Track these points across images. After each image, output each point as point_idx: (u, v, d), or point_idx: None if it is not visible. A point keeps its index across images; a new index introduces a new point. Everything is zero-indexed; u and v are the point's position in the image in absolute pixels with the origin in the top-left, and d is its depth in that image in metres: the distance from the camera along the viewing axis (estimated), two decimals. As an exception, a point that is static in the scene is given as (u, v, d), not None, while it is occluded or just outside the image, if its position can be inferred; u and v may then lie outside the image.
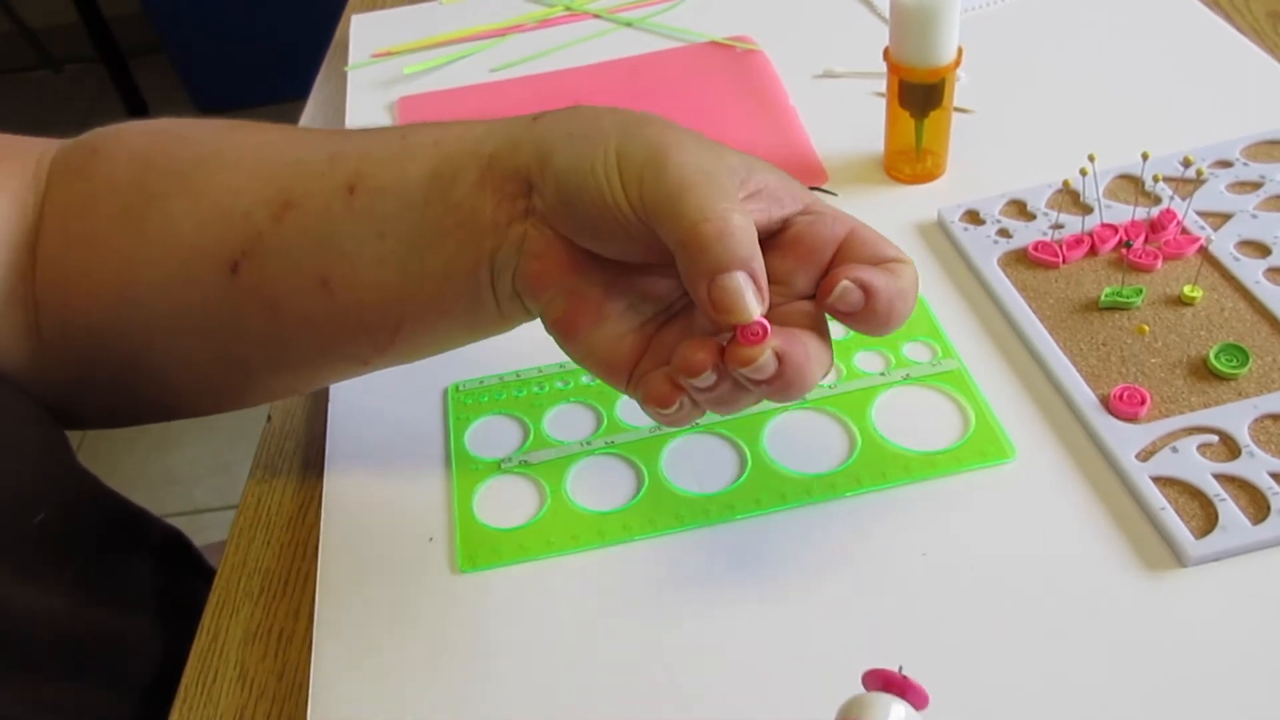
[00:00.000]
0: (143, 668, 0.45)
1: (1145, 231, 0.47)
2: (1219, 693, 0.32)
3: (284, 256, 0.37)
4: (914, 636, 0.35)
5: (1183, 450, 0.38)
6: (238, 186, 0.38)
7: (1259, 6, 0.63)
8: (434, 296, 0.37)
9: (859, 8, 0.69)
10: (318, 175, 0.37)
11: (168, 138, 0.41)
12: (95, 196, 0.40)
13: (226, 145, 0.39)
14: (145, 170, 0.40)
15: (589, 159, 0.32)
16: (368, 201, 0.36)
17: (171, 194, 0.38)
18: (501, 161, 0.35)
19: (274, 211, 0.37)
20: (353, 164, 0.37)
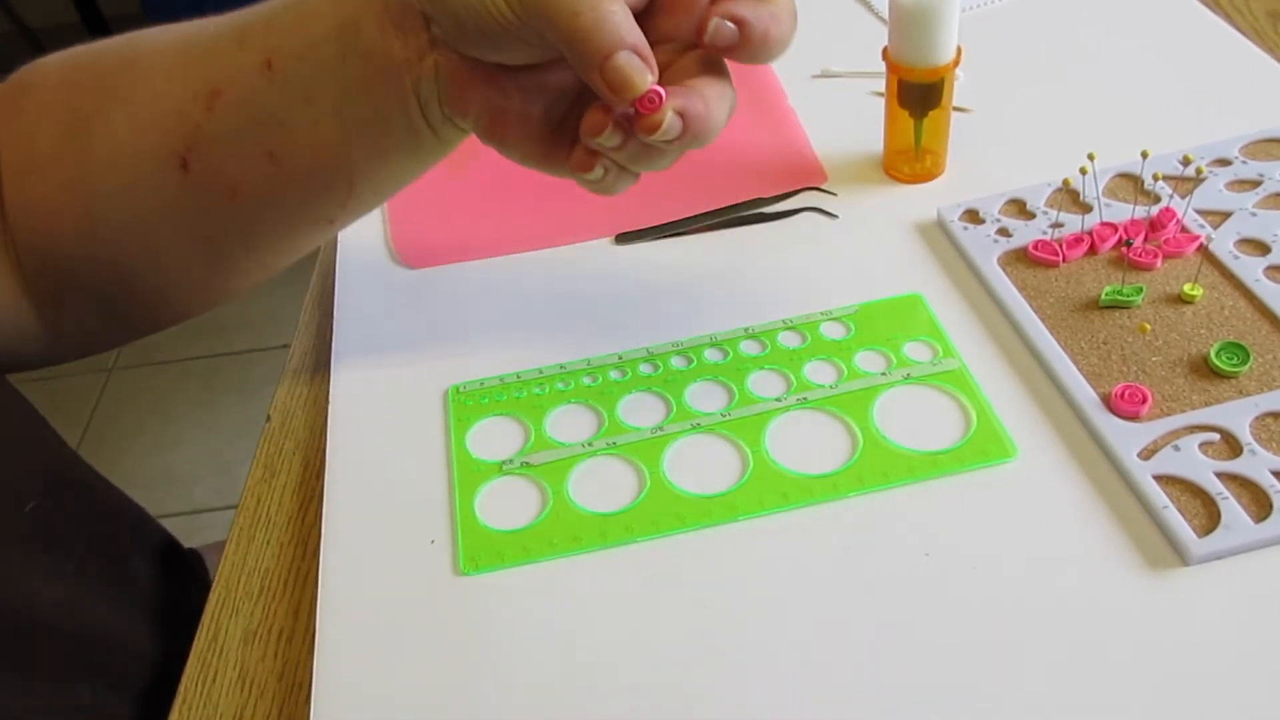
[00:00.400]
0: (142, 668, 0.45)
1: (1145, 230, 0.47)
2: (1222, 691, 0.32)
3: (226, 142, 0.39)
4: (917, 636, 0.35)
5: (1184, 449, 0.38)
6: (163, 88, 0.39)
7: (1259, 6, 0.63)
8: (375, 141, 0.39)
9: (857, 7, 0.69)
10: (233, 58, 0.39)
11: (86, 57, 0.42)
12: (35, 126, 0.41)
13: (142, 52, 0.41)
14: (73, 92, 0.41)
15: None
16: (286, 72, 0.38)
17: (104, 108, 0.40)
18: (393, 2, 0.36)
19: (204, 103, 0.39)
20: (260, 39, 0.38)
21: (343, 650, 0.37)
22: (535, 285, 0.51)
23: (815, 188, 0.54)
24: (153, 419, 1.60)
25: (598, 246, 0.52)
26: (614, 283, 0.50)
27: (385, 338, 0.50)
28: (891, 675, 0.34)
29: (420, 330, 0.50)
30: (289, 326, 1.70)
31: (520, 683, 0.36)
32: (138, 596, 0.47)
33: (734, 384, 0.44)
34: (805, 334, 0.46)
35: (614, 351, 0.46)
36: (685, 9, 0.36)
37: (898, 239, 0.51)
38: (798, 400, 0.43)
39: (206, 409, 1.61)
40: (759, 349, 0.46)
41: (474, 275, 0.52)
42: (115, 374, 1.70)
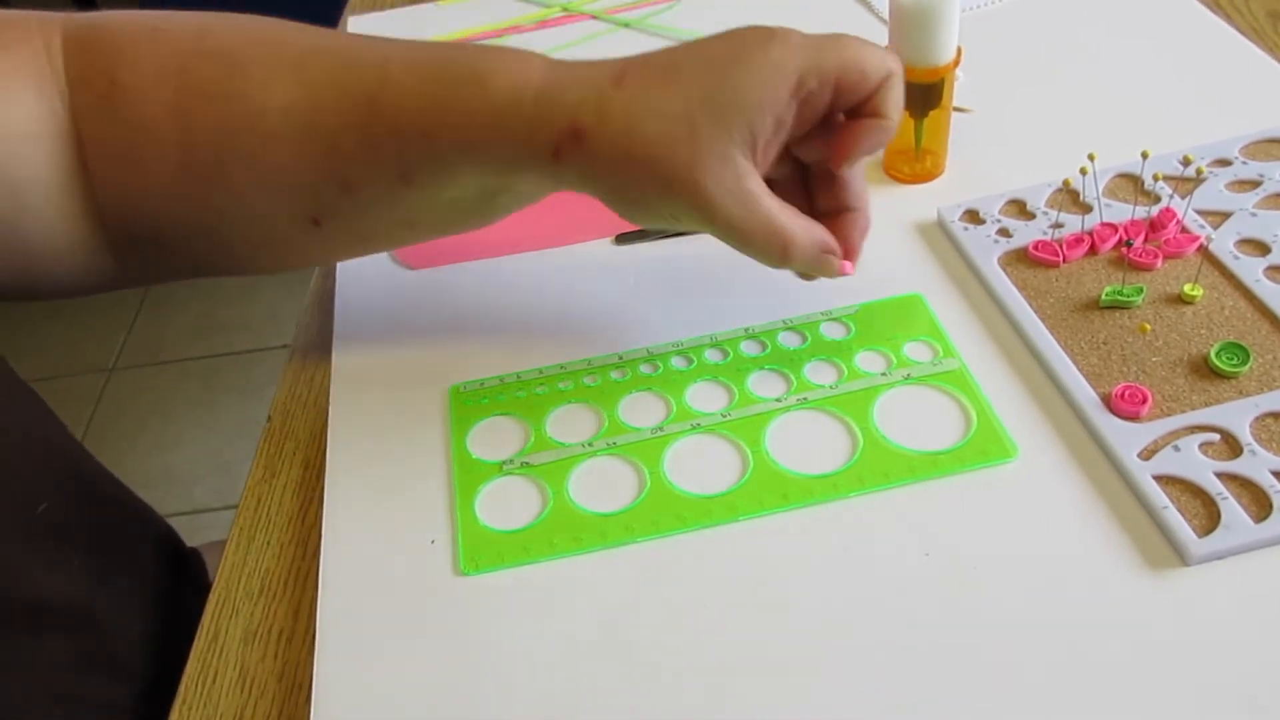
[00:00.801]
0: (145, 663, 0.45)
1: (1145, 230, 0.47)
2: (1222, 691, 0.32)
3: (361, 217, 0.41)
4: (917, 636, 0.35)
5: (1184, 449, 0.38)
6: (292, 165, 0.39)
7: (1259, 6, 0.63)
8: (517, 209, 0.42)
9: (856, 8, 0.69)
10: (366, 164, 0.39)
11: (191, 83, 0.40)
12: (142, 148, 0.40)
13: (255, 106, 0.39)
14: (184, 130, 0.40)
15: (644, 220, 0.40)
16: (425, 186, 0.39)
17: (224, 159, 0.40)
18: (547, 187, 0.39)
19: (338, 190, 0.40)
20: (394, 158, 0.39)
21: (343, 650, 0.37)
22: (535, 285, 0.51)
23: (815, 188, 0.54)
24: (153, 419, 1.60)
25: (598, 246, 0.52)
26: (614, 283, 0.50)
27: (385, 338, 0.50)
28: (892, 675, 0.34)
29: (420, 330, 0.50)
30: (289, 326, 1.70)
31: (520, 683, 0.36)
32: (142, 591, 0.47)
33: (734, 384, 0.44)
34: (805, 334, 0.46)
35: (614, 351, 0.46)
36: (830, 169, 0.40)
37: (898, 239, 0.50)
38: (798, 400, 0.43)
39: (207, 409, 1.61)
40: (759, 349, 0.46)
41: (474, 275, 0.52)
42: (115, 374, 1.70)
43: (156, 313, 1.81)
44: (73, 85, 0.40)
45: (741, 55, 0.37)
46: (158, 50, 0.40)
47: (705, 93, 0.36)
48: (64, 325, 1.79)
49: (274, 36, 0.40)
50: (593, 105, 0.36)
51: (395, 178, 0.39)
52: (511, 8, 0.75)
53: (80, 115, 0.40)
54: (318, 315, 0.53)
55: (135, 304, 1.84)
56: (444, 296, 0.51)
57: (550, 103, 0.37)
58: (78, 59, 0.40)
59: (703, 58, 0.37)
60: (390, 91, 0.38)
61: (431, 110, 0.37)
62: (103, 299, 1.83)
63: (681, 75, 0.37)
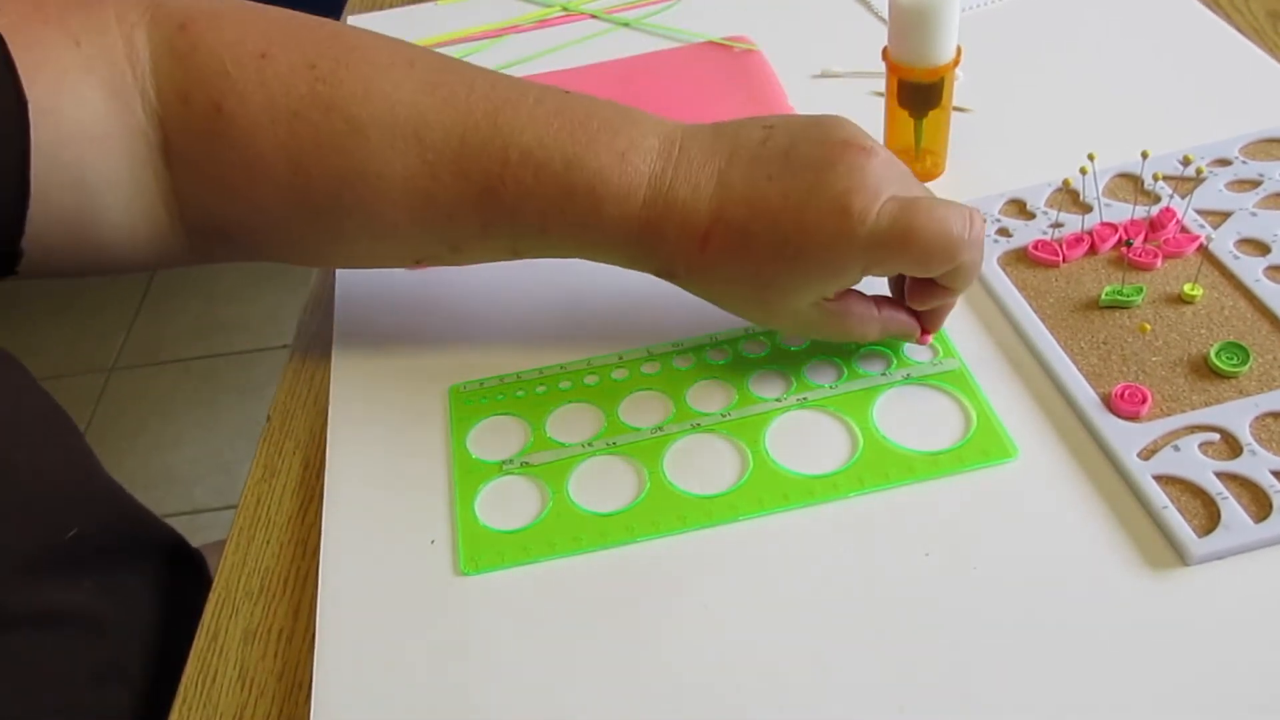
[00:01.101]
0: (152, 671, 0.45)
1: (1145, 230, 0.47)
2: (1222, 691, 0.32)
3: (460, 263, 0.45)
4: (918, 636, 0.35)
5: (1184, 449, 0.38)
6: (402, 223, 0.41)
7: (1259, 6, 0.63)
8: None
9: (856, 7, 0.69)
10: (479, 238, 0.42)
11: (306, 132, 0.40)
12: (252, 179, 0.40)
13: (374, 170, 0.40)
14: (299, 173, 0.40)
15: (744, 319, 0.43)
16: (530, 255, 0.43)
17: (334, 209, 0.41)
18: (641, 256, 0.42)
19: (448, 248, 0.43)
20: (508, 239, 0.42)
21: (343, 650, 0.37)
22: (536, 285, 0.51)
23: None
24: (153, 419, 1.60)
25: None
26: (615, 283, 0.50)
27: (385, 337, 0.50)
28: (892, 675, 0.34)
29: (420, 330, 0.50)
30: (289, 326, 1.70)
31: (520, 683, 0.36)
32: (151, 600, 0.47)
33: (735, 384, 0.44)
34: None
35: (615, 351, 0.46)
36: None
37: (898, 239, 0.50)
38: (798, 400, 0.43)
39: (207, 409, 1.61)
40: (760, 349, 0.46)
41: (474, 275, 0.51)
42: (115, 374, 1.70)
43: (156, 313, 1.81)
44: (165, 95, 0.39)
45: (816, 234, 0.38)
46: (266, 84, 0.39)
47: (774, 273, 0.39)
48: (64, 325, 1.79)
49: (388, 94, 0.40)
50: (684, 264, 0.40)
51: (506, 251, 0.42)
52: (511, 8, 0.75)
53: (175, 128, 0.40)
54: (318, 315, 0.53)
55: (135, 304, 1.84)
56: (444, 296, 0.51)
57: (650, 246, 0.40)
58: (172, 67, 0.39)
59: (778, 229, 0.38)
60: (510, 185, 0.40)
61: (549, 212, 0.40)
62: (103, 299, 1.83)
63: (755, 247, 0.39)
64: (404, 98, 0.40)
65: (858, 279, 0.39)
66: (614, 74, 0.67)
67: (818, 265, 0.38)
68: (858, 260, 0.38)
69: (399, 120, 0.40)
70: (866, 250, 0.37)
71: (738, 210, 0.39)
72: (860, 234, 0.37)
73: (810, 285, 0.39)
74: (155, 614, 0.47)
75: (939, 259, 0.37)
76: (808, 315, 0.41)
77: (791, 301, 0.40)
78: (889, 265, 0.38)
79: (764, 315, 0.41)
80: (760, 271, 0.39)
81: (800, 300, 0.40)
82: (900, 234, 0.37)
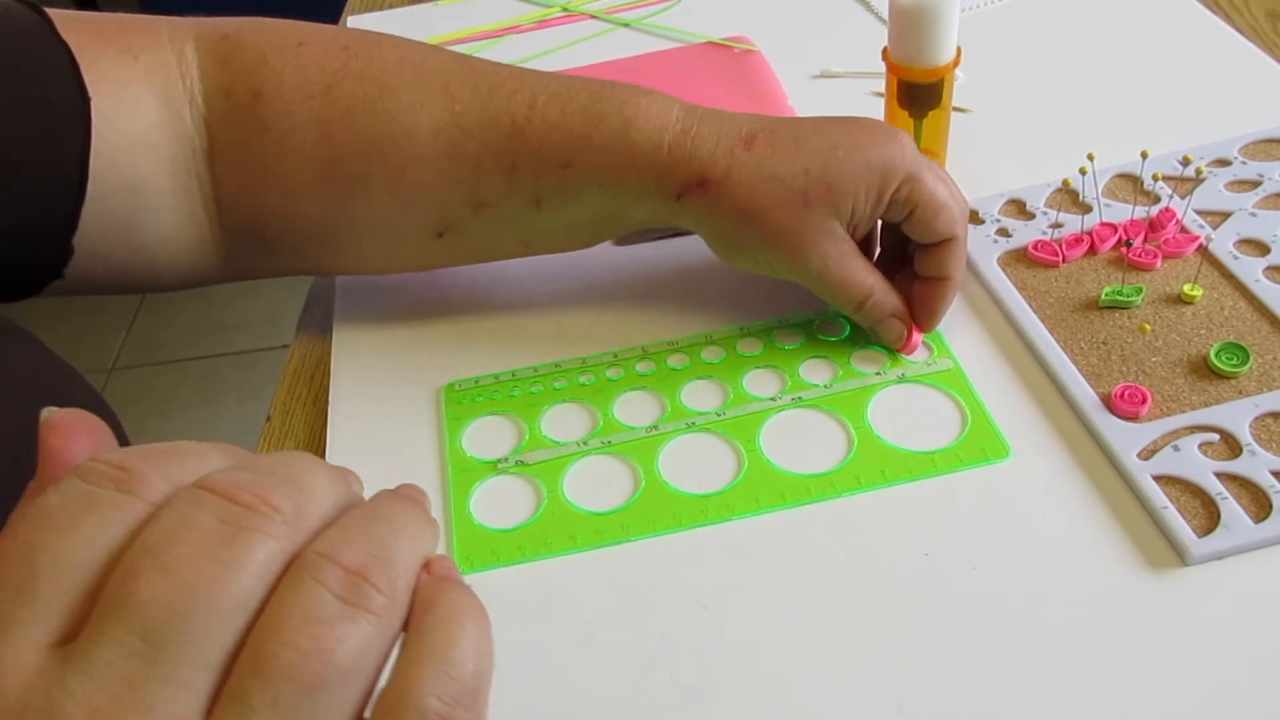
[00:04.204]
0: None
1: (1145, 230, 0.47)
2: (1222, 691, 0.32)
3: (484, 233, 0.44)
4: (917, 635, 0.35)
5: (1184, 449, 0.38)
6: (430, 181, 0.42)
7: (1258, 6, 0.63)
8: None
9: (856, 7, 0.69)
10: (505, 186, 0.42)
11: (339, 100, 0.42)
12: (283, 158, 0.42)
13: (403, 128, 0.42)
14: (328, 142, 0.42)
15: (745, 268, 0.44)
16: (553, 210, 0.43)
17: (364, 174, 0.42)
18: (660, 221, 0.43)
19: (471, 209, 0.43)
20: (531, 182, 0.42)
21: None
22: (530, 284, 0.51)
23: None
24: (153, 419, 1.60)
25: (596, 246, 0.52)
26: (611, 282, 0.50)
27: (384, 337, 0.50)
28: (891, 674, 0.34)
29: (417, 329, 0.50)
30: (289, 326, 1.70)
31: (516, 681, 0.35)
32: None
33: (730, 383, 0.44)
34: (801, 333, 0.46)
35: (609, 350, 0.46)
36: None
37: (896, 239, 0.50)
38: (793, 399, 0.43)
39: (206, 409, 1.61)
40: (755, 348, 0.45)
41: (470, 274, 0.51)
42: (115, 374, 1.70)
43: (156, 313, 1.81)
44: (210, 96, 0.42)
45: (863, 142, 0.41)
46: (303, 65, 0.42)
47: (823, 169, 0.40)
48: (64, 325, 1.79)
49: (418, 62, 0.43)
50: (724, 162, 0.41)
51: (527, 202, 0.42)
52: (511, 8, 0.75)
53: (217, 123, 0.42)
54: (317, 315, 0.53)
55: (135, 304, 1.84)
56: (440, 295, 0.51)
57: (685, 152, 0.41)
58: (217, 71, 0.42)
59: (827, 136, 0.41)
60: (536, 123, 0.41)
61: (575, 143, 0.41)
62: (103, 299, 1.83)
63: (805, 148, 0.41)
64: (435, 64, 0.43)
65: (894, 185, 0.40)
66: (614, 74, 0.67)
67: (868, 162, 0.40)
68: (902, 162, 0.40)
69: (429, 79, 0.42)
70: (911, 159, 0.40)
71: (784, 125, 0.42)
72: (908, 146, 0.41)
73: (856, 189, 0.40)
74: None
75: (949, 211, 0.41)
76: (826, 245, 0.41)
77: (828, 216, 0.41)
78: (919, 184, 0.40)
79: (780, 239, 0.41)
80: (809, 167, 0.40)
81: (839, 212, 0.41)
82: (936, 166, 0.42)
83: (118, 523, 0.19)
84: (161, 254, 0.43)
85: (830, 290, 0.42)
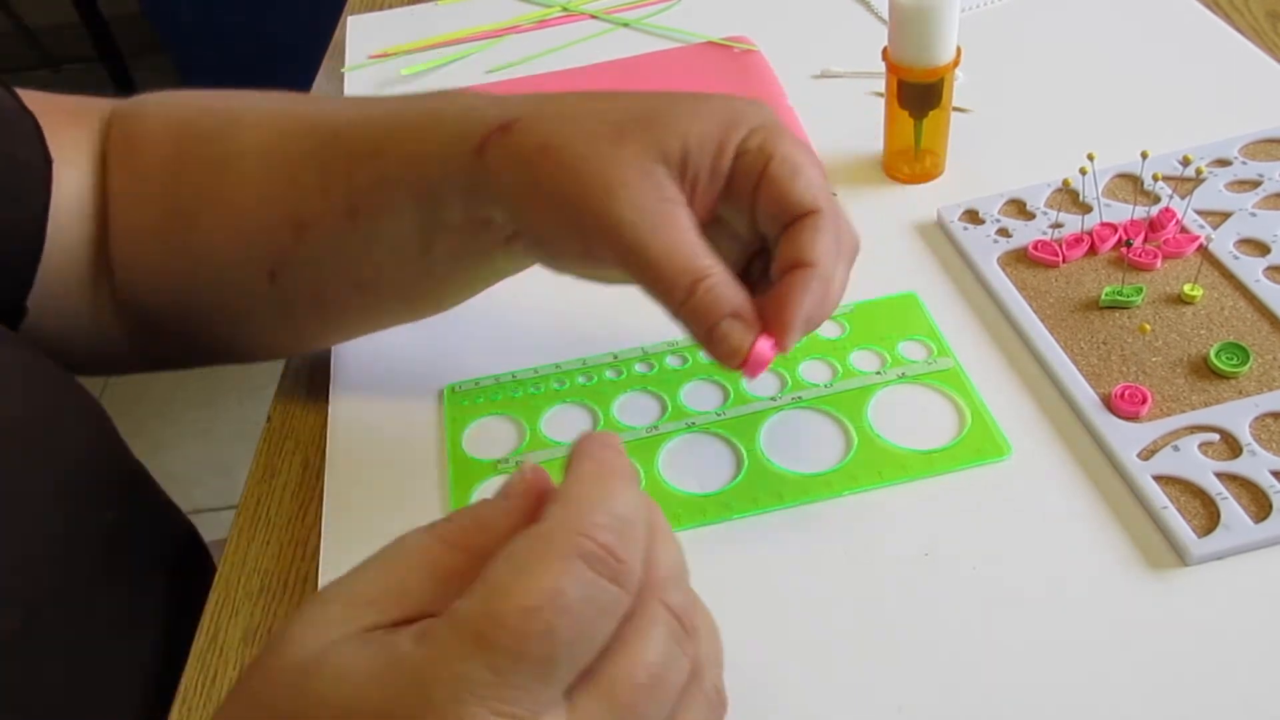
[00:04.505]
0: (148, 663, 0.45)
1: (1145, 230, 0.47)
2: (1221, 691, 0.32)
3: (312, 267, 0.41)
4: (917, 635, 0.35)
5: (1184, 449, 0.38)
6: (254, 206, 0.41)
7: (1258, 6, 0.63)
8: (464, 281, 0.41)
9: (856, 7, 0.69)
10: (319, 195, 0.39)
11: (191, 128, 0.44)
12: (143, 197, 0.43)
13: (241, 147, 0.42)
14: (177, 174, 0.43)
15: (552, 236, 0.35)
16: (371, 223, 0.38)
17: (201, 207, 0.42)
18: (473, 199, 0.36)
19: (291, 233, 0.40)
20: (344, 181, 0.39)
21: (339, 650, 0.37)
22: (530, 285, 0.51)
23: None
24: (153, 420, 1.60)
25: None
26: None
27: (384, 337, 0.49)
28: (890, 674, 0.34)
29: (417, 330, 0.50)
30: (289, 327, 1.66)
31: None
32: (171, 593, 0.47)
33: (729, 383, 0.44)
34: (803, 334, 0.46)
35: (609, 351, 0.46)
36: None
37: (897, 239, 0.50)
38: (792, 399, 0.43)
39: (207, 410, 1.61)
40: (757, 349, 0.45)
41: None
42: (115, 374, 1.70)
43: (157, 313, 1.81)
44: (109, 160, 0.44)
45: (707, 95, 0.35)
46: (170, 108, 0.44)
47: (643, 110, 0.34)
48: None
49: (280, 97, 0.43)
50: (531, 106, 0.35)
51: (343, 213, 0.38)
52: (511, 8, 0.75)
53: (104, 176, 0.44)
54: (316, 315, 0.53)
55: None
56: (442, 296, 0.51)
57: (490, 103, 0.36)
58: (113, 129, 0.44)
59: (647, 93, 0.36)
60: (355, 127, 0.40)
61: (385, 131, 0.38)
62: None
63: (621, 96, 0.35)
64: (292, 101, 0.43)
65: (735, 134, 0.33)
66: (614, 74, 0.67)
67: (697, 106, 0.34)
68: (741, 107, 0.34)
69: (275, 110, 0.42)
70: (754, 108, 0.34)
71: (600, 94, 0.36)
72: (766, 108, 0.35)
73: (684, 130, 0.33)
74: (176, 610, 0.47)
75: (812, 175, 0.33)
76: (644, 191, 0.32)
77: (648, 155, 0.32)
78: (770, 135, 0.33)
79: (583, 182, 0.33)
80: (627, 108, 0.34)
81: (664, 153, 0.33)
82: (793, 134, 0.34)
83: (616, 617, 0.24)
84: (76, 329, 0.45)
85: (649, 261, 0.32)
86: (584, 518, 0.24)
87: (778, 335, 0.33)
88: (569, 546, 0.23)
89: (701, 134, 0.33)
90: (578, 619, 0.22)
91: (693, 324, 0.33)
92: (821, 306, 0.33)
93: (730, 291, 0.32)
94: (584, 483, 0.25)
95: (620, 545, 0.24)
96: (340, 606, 0.24)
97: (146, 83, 1.51)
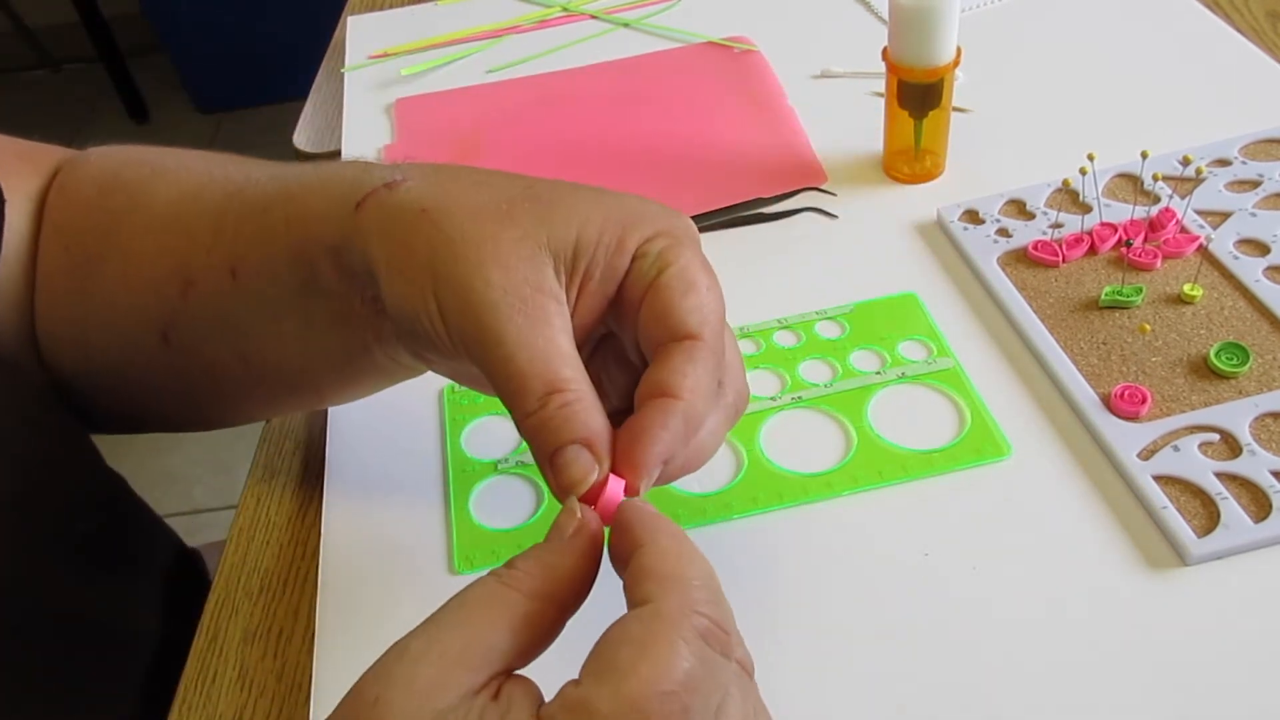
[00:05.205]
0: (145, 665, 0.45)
1: (1145, 230, 0.47)
2: (1221, 690, 0.32)
3: (198, 331, 0.38)
4: (917, 635, 0.35)
5: (1184, 449, 0.38)
6: (152, 257, 0.39)
7: (1258, 6, 0.63)
8: (341, 371, 0.38)
9: (856, 7, 0.69)
10: (205, 252, 0.37)
11: (113, 183, 0.42)
12: (57, 241, 0.42)
13: (146, 201, 0.41)
14: (88, 224, 0.42)
15: (413, 308, 0.30)
16: (250, 284, 0.36)
17: (105, 255, 0.41)
18: (346, 261, 0.33)
19: (179, 289, 0.38)
20: (230, 240, 0.37)
21: (342, 650, 0.37)
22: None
23: (815, 188, 0.54)
24: (153, 419, 1.60)
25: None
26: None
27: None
28: (890, 674, 0.34)
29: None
30: (289, 327, 1.65)
31: (518, 682, 0.35)
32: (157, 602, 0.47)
33: (732, 384, 0.44)
34: (800, 333, 0.46)
35: (612, 351, 0.46)
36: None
37: (897, 239, 0.50)
38: (792, 399, 0.43)
39: (207, 409, 1.61)
40: (754, 348, 0.45)
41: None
42: (116, 374, 1.70)
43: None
44: (43, 198, 0.43)
45: (596, 187, 0.32)
46: (106, 159, 0.43)
47: (542, 192, 0.31)
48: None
49: (211, 157, 0.42)
50: (426, 171, 0.33)
51: (225, 270, 0.36)
52: (511, 8, 0.75)
53: (39, 220, 0.43)
54: (316, 315, 0.53)
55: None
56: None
57: (389, 168, 0.33)
58: (56, 176, 0.44)
59: (553, 180, 0.32)
60: (256, 186, 0.37)
61: (279, 193, 0.36)
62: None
63: (524, 177, 0.32)
64: (213, 160, 0.41)
65: (636, 234, 0.30)
66: (614, 74, 0.67)
67: (613, 204, 0.31)
68: (663, 221, 0.30)
69: (195, 166, 0.41)
70: (684, 228, 0.31)
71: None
72: (684, 218, 0.32)
73: (580, 218, 0.30)
74: (164, 617, 0.47)
75: (700, 295, 0.29)
76: (520, 273, 0.29)
77: (534, 239, 0.29)
78: (677, 254, 0.30)
79: (455, 251, 0.29)
80: (530, 184, 0.31)
81: (552, 242, 0.30)
82: (704, 258, 0.31)
83: (727, 687, 0.25)
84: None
85: (503, 357, 0.28)
86: (690, 594, 0.25)
87: (627, 474, 0.28)
88: (687, 628, 0.24)
89: (601, 226, 0.30)
90: (706, 696, 0.24)
91: (534, 442, 0.28)
92: (685, 449, 0.29)
93: (587, 415, 0.28)
94: (673, 559, 0.26)
95: (722, 617, 0.25)
96: (432, 669, 0.25)
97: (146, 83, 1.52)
